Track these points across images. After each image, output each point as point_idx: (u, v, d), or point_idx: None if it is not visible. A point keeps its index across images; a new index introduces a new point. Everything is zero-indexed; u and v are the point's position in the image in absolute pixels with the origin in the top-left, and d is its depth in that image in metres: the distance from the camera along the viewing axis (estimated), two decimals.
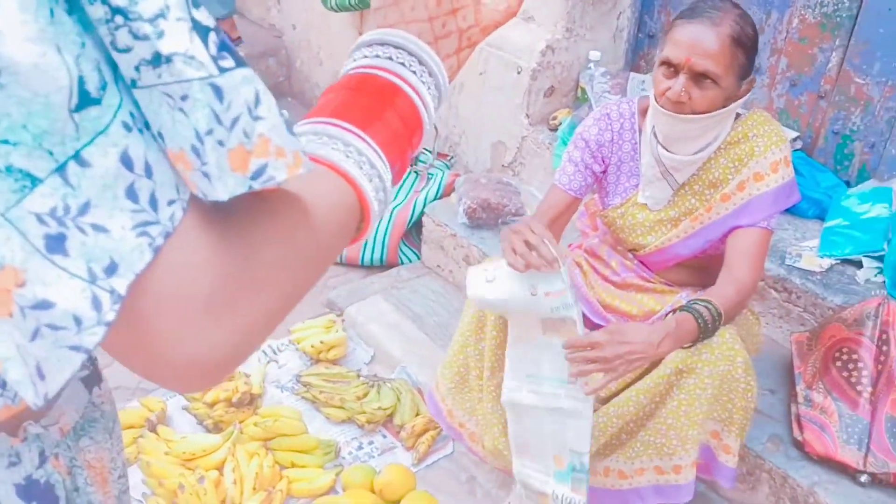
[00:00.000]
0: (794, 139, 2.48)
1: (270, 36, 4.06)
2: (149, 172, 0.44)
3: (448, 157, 3.16)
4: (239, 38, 3.89)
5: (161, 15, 0.42)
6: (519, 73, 2.80)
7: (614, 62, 2.91)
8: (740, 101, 1.68)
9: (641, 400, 1.69)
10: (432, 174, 3.01)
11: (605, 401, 1.76)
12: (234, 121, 0.44)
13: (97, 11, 0.41)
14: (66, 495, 0.63)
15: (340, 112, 0.61)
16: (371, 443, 2.21)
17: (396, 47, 0.65)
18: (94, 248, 0.42)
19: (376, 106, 0.62)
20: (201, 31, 0.43)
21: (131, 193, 0.43)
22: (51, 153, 0.40)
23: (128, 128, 0.43)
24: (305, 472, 2.07)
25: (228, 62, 0.44)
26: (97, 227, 0.42)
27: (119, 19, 0.41)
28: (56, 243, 0.41)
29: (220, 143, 0.44)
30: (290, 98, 4.06)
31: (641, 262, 1.92)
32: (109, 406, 0.73)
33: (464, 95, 3.07)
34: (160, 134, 0.44)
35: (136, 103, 0.44)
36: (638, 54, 2.96)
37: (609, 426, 1.72)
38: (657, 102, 1.68)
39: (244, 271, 0.48)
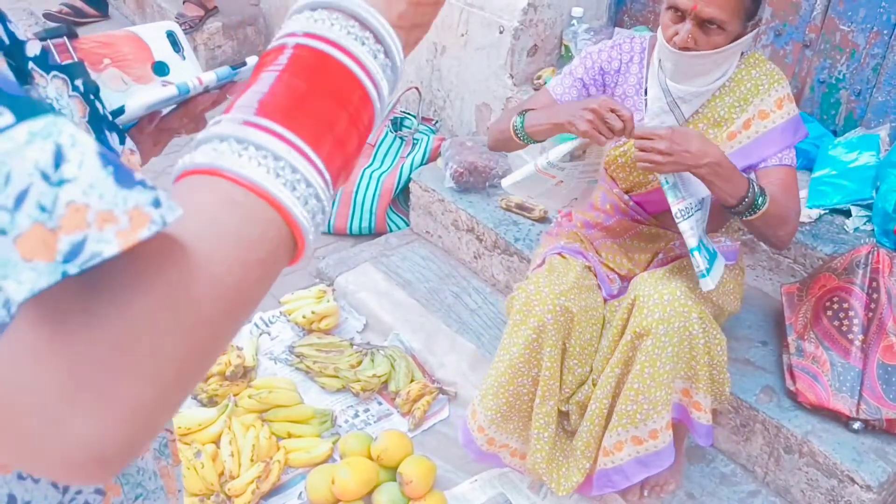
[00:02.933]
0: None
1: (247, 4, 3.98)
2: None
3: (433, 122, 3.12)
4: (215, 7, 3.81)
5: None
6: (501, 32, 2.76)
7: (597, 18, 2.88)
8: (746, 39, 1.67)
9: (617, 372, 1.71)
10: (417, 139, 2.98)
11: (594, 382, 1.78)
12: (20, 197, 0.34)
13: None
14: None
15: (282, 110, 0.47)
16: (367, 410, 2.22)
17: (349, 16, 0.51)
18: None
19: (331, 111, 0.49)
20: None
21: None
22: None
23: None
24: (302, 442, 2.07)
25: (4, 118, 0.34)
26: None
27: None
28: None
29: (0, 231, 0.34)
30: None
31: (638, 204, 1.89)
32: None
33: (446, 58, 3.03)
34: None
35: None
36: (621, 9, 2.92)
37: (604, 409, 1.74)
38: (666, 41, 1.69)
39: (115, 350, 0.37)
